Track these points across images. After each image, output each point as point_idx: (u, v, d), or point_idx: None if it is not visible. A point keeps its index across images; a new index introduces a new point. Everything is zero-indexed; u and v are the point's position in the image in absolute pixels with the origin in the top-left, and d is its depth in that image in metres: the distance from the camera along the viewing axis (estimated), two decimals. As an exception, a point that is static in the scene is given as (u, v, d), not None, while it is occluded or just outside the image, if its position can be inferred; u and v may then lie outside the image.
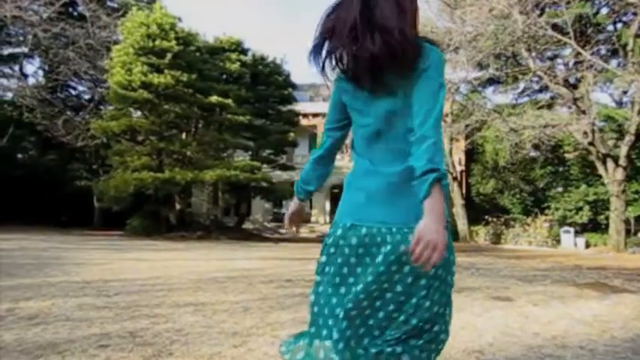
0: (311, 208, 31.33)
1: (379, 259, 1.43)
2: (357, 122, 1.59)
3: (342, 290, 1.48)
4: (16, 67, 26.29)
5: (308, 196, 1.86)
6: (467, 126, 19.41)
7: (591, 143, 16.91)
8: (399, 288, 1.44)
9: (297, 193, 1.84)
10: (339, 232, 1.53)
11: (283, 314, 4.27)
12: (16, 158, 27.75)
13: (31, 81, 26.39)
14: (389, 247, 1.42)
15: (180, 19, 21.32)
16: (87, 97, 28.05)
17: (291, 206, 1.90)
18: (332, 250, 1.55)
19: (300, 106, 26.23)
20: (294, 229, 1.91)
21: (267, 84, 23.84)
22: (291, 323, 3.89)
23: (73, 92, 28.67)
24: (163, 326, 3.69)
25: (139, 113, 20.85)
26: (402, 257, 1.40)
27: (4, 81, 25.17)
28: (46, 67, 25.60)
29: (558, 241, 19.51)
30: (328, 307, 1.49)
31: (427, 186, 1.26)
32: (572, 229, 19.53)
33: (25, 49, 24.50)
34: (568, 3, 15.11)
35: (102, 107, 24.82)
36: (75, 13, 24.58)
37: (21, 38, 23.93)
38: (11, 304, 4.38)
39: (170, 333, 3.48)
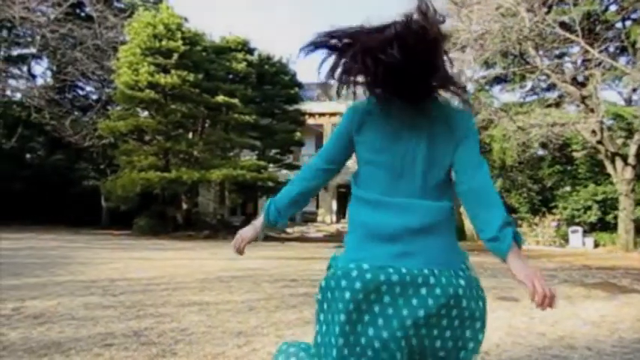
0: (317, 207, 31.31)
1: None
2: None
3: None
4: (25, 68, 26.50)
5: (274, 225, 1.61)
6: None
7: (600, 142, 16.74)
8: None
9: (271, 216, 1.58)
10: None
11: (288, 314, 4.26)
12: (24, 158, 27.98)
13: (40, 81, 26.60)
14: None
15: (186, 20, 21.42)
16: (94, 97, 28.23)
17: (251, 227, 1.62)
18: None
19: (306, 106, 26.23)
20: (241, 246, 1.62)
21: (273, 83, 23.86)
22: (296, 323, 3.88)
23: (81, 92, 28.85)
24: (168, 325, 3.69)
25: (145, 113, 20.94)
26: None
27: (13, 82, 25.39)
28: (54, 68, 25.76)
29: (566, 241, 19.35)
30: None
31: None
32: (580, 229, 19.36)
33: (34, 50, 24.69)
34: (576, 0, 14.98)
35: (109, 107, 24.94)
36: (82, 14, 24.73)
37: (29, 39, 24.12)
38: (17, 303, 4.41)
39: (175, 332, 3.48)
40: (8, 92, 23.73)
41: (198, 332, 3.50)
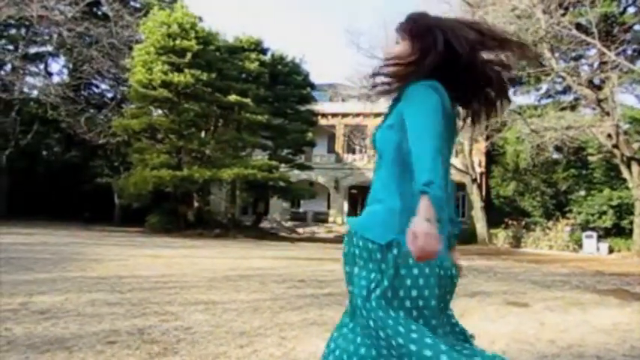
0: (329, 208, 31.30)
1: None
2: None
3: None
4: (42, 66, 26.89)
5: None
6: (487, 127, 19.12)
7: (615, 146, 16.48)
8: None
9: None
10: None
11: (292, 315, 4.24)
12: (40, 155, 28.38)
13: (56, 79, 26.95)
14: None
15: (201, 19, 21.51)
16: (109, 95, 28.56)
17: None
18: None
19: (318, 106, 26.22)
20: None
21: (285, 83, 23.89)
22: (300, 324, 3.85)
23: (96, 90, 29.22)
24: (172, 324, 3.69)
25: (159, 112, 21.10)
26: None
27: (30, 79, 25.76)
28: (71, 66, 26.09)
29: (580, 246, 19.08)
30: None
31: None
32: (594, 234, 19.08)
33: (51, 48, 25.08)
34: (593, 2, 14.75)
35: (123, 105, 25.19)
36: (99, 13, 25.01)
37: (46, 37, 24.45)
38: (25, 298, 4.44)
39: (178, 331, 3.47)
40: (25, 89, 24.06)
41: (202, 331, 3.49)
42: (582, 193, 22.35)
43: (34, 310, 3.96)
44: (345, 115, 30.67)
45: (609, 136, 16.41)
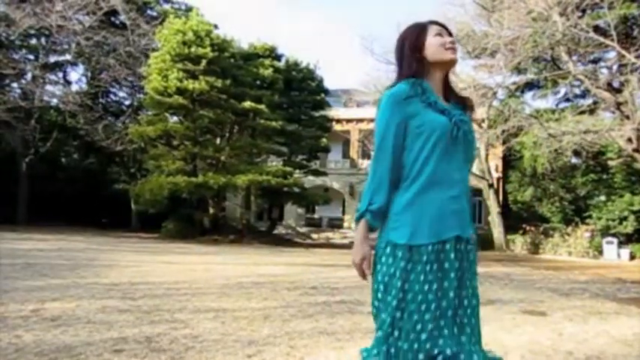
0: (344, 213, 31.20)
1: None
2: None
3: None
4: (61, 74, 27.40)
5: None
6: (503, 131, 18.87)
7: (636, 150, 16.11)
8: None
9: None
10: None
11: (303, 323, 4.18)
12: (60, 161, 28.89)
13: (75, 87, 27.44)
14: None
15: (216, 26, 21.73)
16: (126, 102, 28.94)
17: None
18: None
19: (333, 112, 26.23)
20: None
21: (300, 89, 23.95)
22: (310, 333, 3.79)
23: (114, 98, 29.64)
24: (181, 332, 3.67)
25: (174, 118, 21.31)
26: None
27: (50, 87, 26.26)
28: (89, 74, 26.55)
29: (600, 252, 18.66)
30: None
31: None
32: (615, 240, 18.64)
33: (69, 57, 25.53)
34: (611, 4, 14.48)
35: (140, 113, 25.51)
36: (116, 22, 25.42)
37: (65, 46, 24.92)
38: (37, 304, 4.47)
39: (187, 339, 3.44)
40: (45, 97, 24.52)
41: (210, 340, 3.46)
42: (602, 198, 21.87)
43: (46, 317, 3.98)
44: (359, 121, 30.61)
45: (629, 140, 16.05)
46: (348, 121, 30.78)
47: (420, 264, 1.55)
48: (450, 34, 1.73)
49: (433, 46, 1.68)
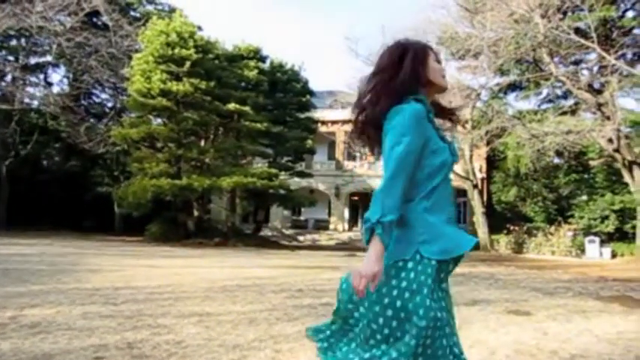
0: (329, 215, 31.19)
1: None
2: None
3: None
4: (41, 76, 26.93)
5: None
6: (487, 132, 19.05)
7: (617, 150, 16.39)
8: None
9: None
10: None
11: (288, 327, 4.14)
12: (41, 164, 28.38)
13: (56, 89, 27.01)
14: None
15: (200, 28, 21.57)
16: (109, 104, 28.58)
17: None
18: None
19: (318, 114, 26.20)
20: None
21: (285, 91, 23.89)
22: (296, 336, 3.75)
23: (96, 100, 29.27)
24: (164, 337, 3.60)
25: (158, 120, 21.08)
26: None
27: (30, 89, 25.81)
28: (70, 76, 26.16)
29: (583, 251, 18.94)
30: None
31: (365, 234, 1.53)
32: (597, 239, 18.93)
33: (50, 59, 25.11)
34: (591, 6, 14.72)
35: (123, 115, 25.20)
36: (98, 23, 25.11)
37: (46, 48, 24.51)
38: (16, 311, 4.36)
39: (169, 345, 3.38)
40: (26, 100, 24.10)
41: (194, 345, 3.40)
42: (584, 197, 22.21)
43: (24, 324, 3.88)
44: (344, 122, 30.59)
45: (610, 140, 16.33)
46: (334, 122, 30.76)
47: (437, 281, 1.59)
48: (440, 62, 1.81)
49: (434, 70, 1.73)
